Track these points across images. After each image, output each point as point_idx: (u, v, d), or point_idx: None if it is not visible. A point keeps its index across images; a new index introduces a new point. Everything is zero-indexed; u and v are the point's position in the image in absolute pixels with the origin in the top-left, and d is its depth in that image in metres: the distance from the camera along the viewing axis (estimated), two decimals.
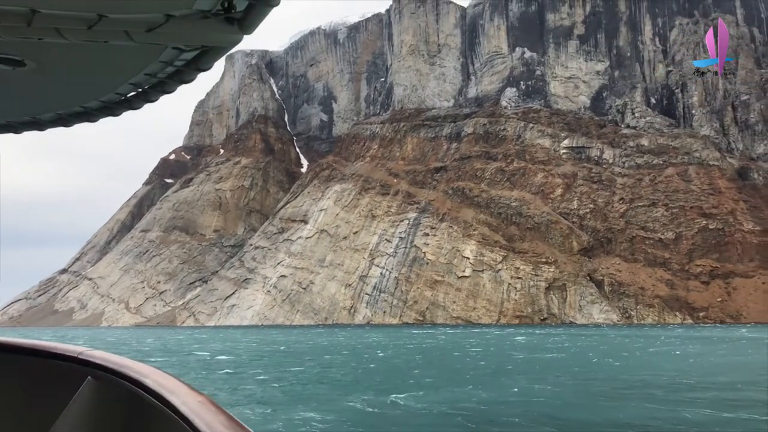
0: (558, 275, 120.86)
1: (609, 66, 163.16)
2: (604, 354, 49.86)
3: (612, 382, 31.68)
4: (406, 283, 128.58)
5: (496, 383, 31.01)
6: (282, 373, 37.58)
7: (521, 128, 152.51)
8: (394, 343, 65.97)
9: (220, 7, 1.89)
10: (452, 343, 65.21)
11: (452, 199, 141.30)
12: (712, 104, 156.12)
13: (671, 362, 43.12)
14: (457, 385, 29.64)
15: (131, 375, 2.20)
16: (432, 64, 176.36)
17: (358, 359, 46.55)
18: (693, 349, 54.46)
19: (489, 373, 36.02)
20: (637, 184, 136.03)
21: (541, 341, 66.99)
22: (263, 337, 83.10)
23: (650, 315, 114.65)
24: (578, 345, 59.70)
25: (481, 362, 43.48)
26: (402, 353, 52.26)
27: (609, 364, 42.40)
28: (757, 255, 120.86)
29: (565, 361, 44.73)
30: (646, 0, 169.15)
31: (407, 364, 42.64)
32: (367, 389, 28.49)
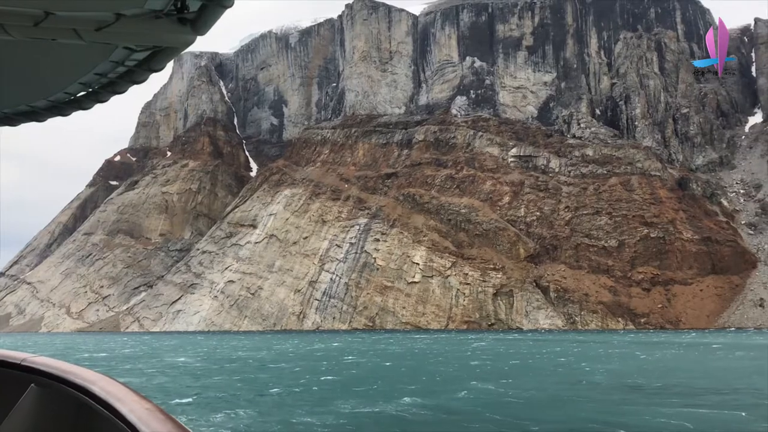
0: (505, 281, 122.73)
1: (556, 77, 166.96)
2: (581, 358, 50.85)
3: (616, 385, 32.41)
4: (356, 288, 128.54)
5: (497, 390, 31.32)
6: (311, 383, 37.19)
7: (471, 136, 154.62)
8: (359, 349, 65.91)
9: (172, 8, 1.84)
10: (427, 349, 65.43)
11: (403, 205, 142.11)
12: (654, 116, 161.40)
13: (654, 365, 44.44)
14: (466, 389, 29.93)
15: (77, 382, 2.12)
16: (384, 71, 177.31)
17: (357, 366, 46.26)
18: (663, 354, 56.01)
19: (485, 378, 36.29)
20: (582, 193, 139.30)
21: (502, 346, 67.87)
22: (230, 343, 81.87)
23: (594, 321, 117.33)
24: (544, 351, 60.65)
25: (477, 368, 43.74)
26: (381, 359, 52.26)
27: (596, 368, 43.18)
28: (695, 263, 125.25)
29: (549, 365, 45.48)
30: (592, 14, 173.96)
31: (397, 371, 42.77)
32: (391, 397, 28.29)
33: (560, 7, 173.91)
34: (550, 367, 43.71)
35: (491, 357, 52.61)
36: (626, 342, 75.15)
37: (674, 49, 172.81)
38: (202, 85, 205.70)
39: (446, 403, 26.34)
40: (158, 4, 1.82)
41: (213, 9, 1.90)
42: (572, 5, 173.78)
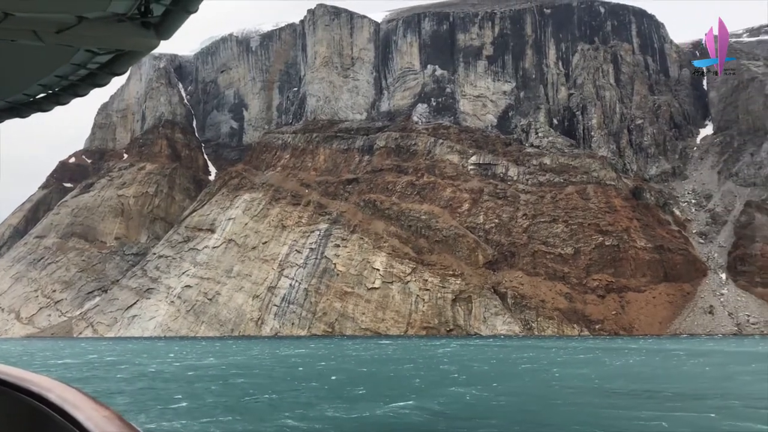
0: (464, 287, 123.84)
1: (515, 87, 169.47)
2: (552, 364, 51.57)
3: (593, 389, 32.99)
4: (315, 294, 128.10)
5: (484, 394, 31.57)
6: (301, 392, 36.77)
7: (431, 144, 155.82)
8: (328, 355, 65.71)
9: (136, 11, 1.78)
10: (396, 354, 65.46)
11: (363, 211, 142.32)
12: (610, 127, 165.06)
13: (624, 370, 45.40)
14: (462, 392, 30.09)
15: (32, 389, 2.04)
16: (345, 77, 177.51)
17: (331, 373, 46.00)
18: (628, 359, 57.10)
19: (467, 383, 36.52)
20: (539, 201, 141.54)
21: (470, 352, 68.37)
22: (194, 348, 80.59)
23: (550, 327, 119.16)
24: (513, 356, 61.31)
25: (454, 373, 43.94)
26: (355, 365, 52.15)
27: (569, 372, 43.81)
28: (648, 270, 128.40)
29: (523, 370, 45.98)
30: (550, 25, 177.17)
31: (377, 377, 42.71)
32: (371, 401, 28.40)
33: (520, 18, 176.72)
34: (526, 372, 44.36)
35: (463, 362, 53.14)
36: (589, 348, 76.58)
37: (630, 61, 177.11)
38: (160, 87, 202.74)
39: (439, 407, 26.68)
40: (121, 7, 1.76)
41: (177, 14, 1.84)
42: (531, 16, 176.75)
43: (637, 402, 28.87)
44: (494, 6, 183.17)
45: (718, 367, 48.01)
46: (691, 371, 45.75)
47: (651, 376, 41.36)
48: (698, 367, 49.20)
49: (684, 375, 42.85)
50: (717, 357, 59.07)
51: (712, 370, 46.04)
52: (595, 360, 55.72)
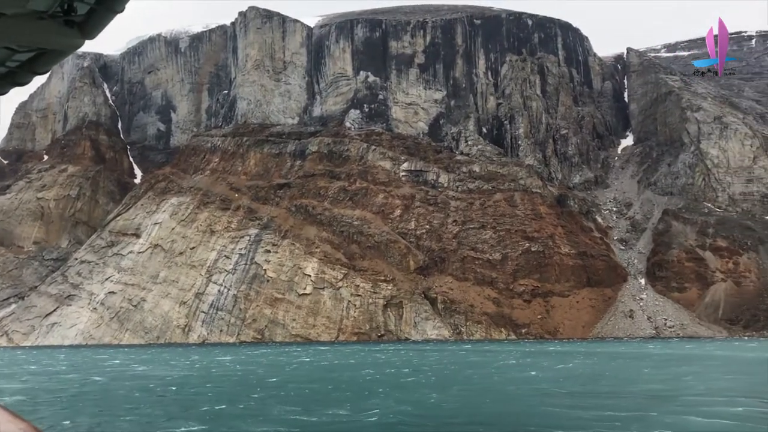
0: (395, 293, 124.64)
1: (446, 95, 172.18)
2: (503, 368, 52.30)
3: (550, 391, 33.62)
4: (245, 300, 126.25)
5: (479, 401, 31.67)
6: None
7: (364, 150, 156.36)
8: (269, 362, 64.74)
9: (58, 9, 1.72)
10: (342, 360, 65.00)
11: (295, 216, 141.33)
12: (536, 136, 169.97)
13: (571, 372, 46.47)
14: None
15: None
16: (277, 81, 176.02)
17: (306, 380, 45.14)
18: (567, 361, 58.57)
19: (433, 387, 36.60)
20: (468, 208, 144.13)
21: (414, 357, 68.71)
22: (124, 358, 77.79)
23: (478, 331, 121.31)
24: (459, 360, 61.88)
25: (414, 376, 43.90)
26: (308, 370, 51.48)
27: (521, 376, 44.50)
28: (572, 276, 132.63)
29: (474, 374, 46.44)
30: (480, 36, 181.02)
31: (334, 383, 42.24)
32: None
33: (451, 28, 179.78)
34: (477, 376, 44.88)
35: (415, 366, 53.40)
36: (526, 351, 78.41)
37: (555, 73, 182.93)
38: (84, 87, 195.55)
39: (414, 410, 26.85)
40: (42, 4, 1.69)
41: (102, 13, 1.77)
42: (462, 27, 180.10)
43: (612, 402, 29.92)
44: (426, 15, 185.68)
45: (663, 368, 50.08)
46: (640, 372, 47.60)
47: (606, 377, 42.90)
48: (643, 368, 51.22)
49: (637, 376, 44.56)
50: (653, 359, 61.68)
51: (656, 371, 47.97)
52: (537, 363, 57.08)
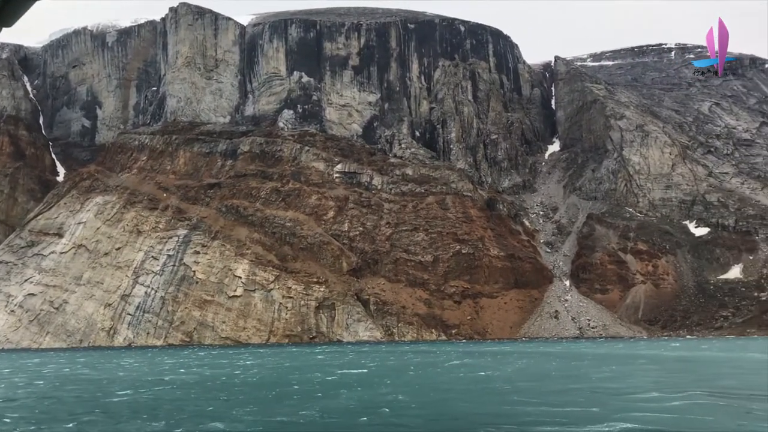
0: (328, 295, 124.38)
1: (380, 98, 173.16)
2: (455, 367, 52.55)
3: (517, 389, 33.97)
4: (173, 302, 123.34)
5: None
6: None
7: (297, 150, 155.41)
8: (210, 363, 63.28)
9: None
10: (286, 363, 64.06)
11: (226, 217, 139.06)
12: (467, 141, 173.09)
13: (527, 370, 47.11)
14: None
15: None
16: (209, 79, 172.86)
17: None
18: (517, 363, 59.50)
19: (408, 390, 36.38)
20: (401, 210, 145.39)
21: (360, 359, 68.52)
22: (53, 362, 74.43)
23: (410, 332, 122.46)
24: (414, 361, 61.94)
25: (377, 378, 43.59)
26: (262, 374, 50.44)
27: (482, 375, 44.84)
28: (500, 277, 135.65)
29: (428, 374, 46.53)
30: (414, 40, 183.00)
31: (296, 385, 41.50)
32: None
33: (385, 31, 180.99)
34: (431, 376, 45.08)
35: (366, 367, 53.26)
36: (465, 352, 79.40)
37: (486, 79, 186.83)
38: (3, 80, 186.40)
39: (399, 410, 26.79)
40: None
41: (19, 1, 1.67)
42: (396, 30, 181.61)
43: (571, 399, 30.74)
44: (360, 18, 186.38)
45: (600, 366, 51.77)
46: (585, 370, 49.04)
47: (565, 376, 44.04)
48: (587, 366, 52.77)
49: (583, 373, 45.96)
50: (592, 358, 63.75)
51: (598, 369, 49.58)
52: (484, 364, 57.97)
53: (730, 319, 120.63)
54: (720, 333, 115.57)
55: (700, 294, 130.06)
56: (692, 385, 35.92)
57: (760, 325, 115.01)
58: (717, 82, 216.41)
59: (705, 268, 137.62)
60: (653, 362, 56.63)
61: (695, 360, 58.70)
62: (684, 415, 25.63)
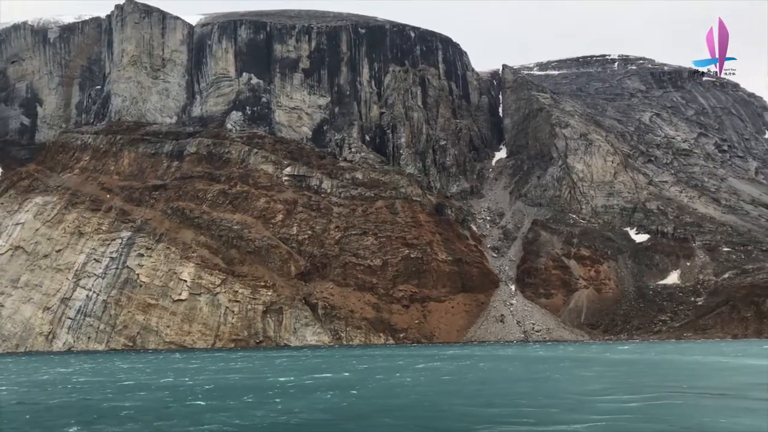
0: (276, 299, 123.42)
1: (330, 102, 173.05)
2: (421, 370, 52.38)
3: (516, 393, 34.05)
4: (115, 306, 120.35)
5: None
6: None
7: (246, 152, 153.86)
8: (159, 368, 61.78)
9: None
10: (242, 367, 62.96)
11: (171, 219, 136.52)
12: (417, 146, 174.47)
13: (493, 375, 47.43)
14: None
15: None
16: (155, 78, 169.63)
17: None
18: (466, 365, 59.84)
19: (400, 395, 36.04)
20: (351, 214, 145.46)
21: (322, 363, 67.98)
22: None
23: (358, 336, 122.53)
24: (369, 365, 61.66)
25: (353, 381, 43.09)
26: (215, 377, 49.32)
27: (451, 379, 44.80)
28: (448, 282, 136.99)
29: (397, 378, 46.33)
30: (365, 45, 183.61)
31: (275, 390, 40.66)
32: None
33: (336, 35, 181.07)
34: (402, 381, 44.92)
35: (331, 371, 52.84)
36: (423, 356, 79.49)
37: (436, 85, 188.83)
38: None
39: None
40: None
41: None
42: (347, 34, 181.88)
43: (566, 399, 31.19)
44: (311, 21, 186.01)
45: (556, 370, 52.70)
46: (541, 373, 49.89)
47: (530, 379, 44.83)
48: (542, 370, 53.64)
49: (538, 376, 46.78)
50: (546, 361, 64.89)
51: (553, 372, 50.51)
52: (441, 367, 58.42)
53: (668, 323, 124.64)
54: (658, 337, 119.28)
55: (640, 299, 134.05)
56: (648, 386, 37.39)
57: (695, 329, 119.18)
58: (657, 94, 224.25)
59: (645, 274, 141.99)
60: (608, 365, 58.24)
61: (645, 362, 60.50)
62: (644, 413, 26.81)
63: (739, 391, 34.51)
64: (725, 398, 31.50)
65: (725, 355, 66.64)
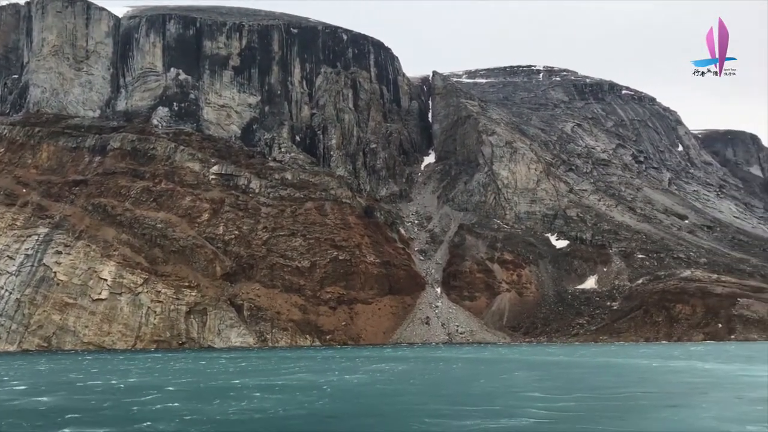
0: (200, 299, 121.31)
1: (260, 100, 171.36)
2: (383, 375, 52.26)
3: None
4: (30, 305, 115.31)
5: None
6: None
7: (172, 149, 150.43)
8: (100, 369, 59.61)
9: None
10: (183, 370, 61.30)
11: (92, 216, 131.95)
12: (347, 148, 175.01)
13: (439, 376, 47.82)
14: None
15: None
16: (78, 70, 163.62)
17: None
18: (415, 366, 60.31)
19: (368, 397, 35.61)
20: (279, 215, 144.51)
21: (266, 365, 67.11)
22: None
23: (284, 338, 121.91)
24: (328, 366, 61.17)
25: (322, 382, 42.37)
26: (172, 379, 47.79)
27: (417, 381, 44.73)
28: (375, 284, 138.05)
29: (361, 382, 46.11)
30: (296, 45, 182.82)
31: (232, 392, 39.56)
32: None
33: (267, 34, 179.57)
34: (370, 384, 44.83)
35: (275, 373, 52.29)
36: (370, 357, 79.78)
37: (367, 88, 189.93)
38: None
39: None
40: None
41: None
42: (279, 34, 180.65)
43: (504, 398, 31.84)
44: (243, 18, 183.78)
45: (492, 370, 53.96)
46: (470, 374, 51.04)
47: (468, 379, 45.79)
48: (478, 370, 54.86)
49: (464, 377, 47.81)
50: (481, 362, 66.33)
51: (489, 373, 51.76)
52: (390, 368, 58.79)
53: (585, 326, 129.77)
54: (576, 339, 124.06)
55: (559, 302, 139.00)
56: (575, 387, 39.26)
57: (611, 332, 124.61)
58: (579, 105, 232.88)
59: (564, 279, 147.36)
60: (543, 366, 60.43)
61: (571, 365, 62.91)
62: (575, 413, 28.36)
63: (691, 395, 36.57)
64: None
65: (675, 358, 69.21)
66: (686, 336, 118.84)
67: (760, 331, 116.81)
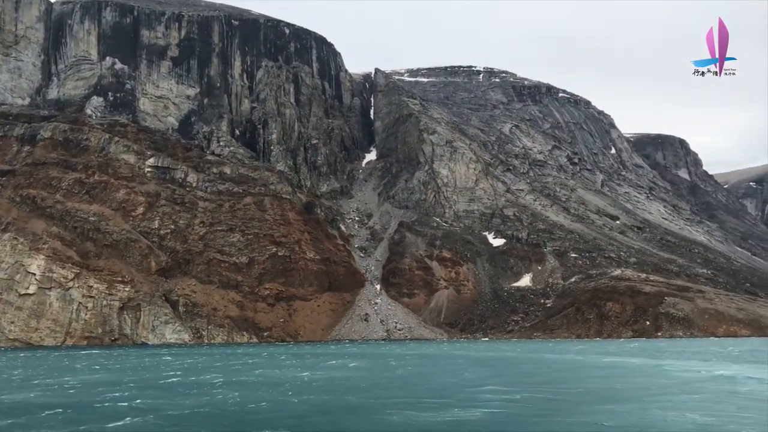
0: (133, 295, 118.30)
1: (199, 93, 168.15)
2: (324, 369, 51.49)
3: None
4: None
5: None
6: None
7: (106, 141, 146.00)
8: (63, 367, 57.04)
9: None
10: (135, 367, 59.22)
11: (20, 208, 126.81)
12: (288, 143, 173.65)
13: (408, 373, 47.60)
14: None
15: None
16: (6, 56, 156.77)
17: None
18: (391, 363, 59.92)
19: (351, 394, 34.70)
20: (217, 209, 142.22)
21: (217, 362, 65.64)
22: None
23: (220, 335, 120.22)
24: (284, 365, 60.03)
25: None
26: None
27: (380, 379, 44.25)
28: (315, 281, 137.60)
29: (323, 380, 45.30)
30: (237, 37, 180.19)
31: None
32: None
33: (207, 25, 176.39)
34: (334, 384, 44.14)
35: (229, 372, 51.09)
36: (294, 354, 78.95)
37: (309, 84, 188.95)
38: None
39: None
40: None
41: None
42: (219, 25, 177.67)
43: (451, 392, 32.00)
44: (182, 8, 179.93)
45: (441, 366, 54.32)
46: (422, 369, 51.48)
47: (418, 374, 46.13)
48: (425, 366, 55.29)
49: (419, 371, 48.12)
50: (449, 359, 66.86)
51: (438, 368, 52.23)
52: (343, 364, 58.61)
53: (520, 323, 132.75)
54: (511, 336, 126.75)
55: (495, 300, 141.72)
56: (520, 381, 40.40)
57: (544, 329, 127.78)
58: (518, 106, 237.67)
59: (500, 276, 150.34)
60: (485, 361, 61.57)
61: (519, 360, 64.25)
62: (523, 405, 29.53)
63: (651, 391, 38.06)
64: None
65: (613, 354, 71.32)
66: (616, 333, 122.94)
67: (685, 328, 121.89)
